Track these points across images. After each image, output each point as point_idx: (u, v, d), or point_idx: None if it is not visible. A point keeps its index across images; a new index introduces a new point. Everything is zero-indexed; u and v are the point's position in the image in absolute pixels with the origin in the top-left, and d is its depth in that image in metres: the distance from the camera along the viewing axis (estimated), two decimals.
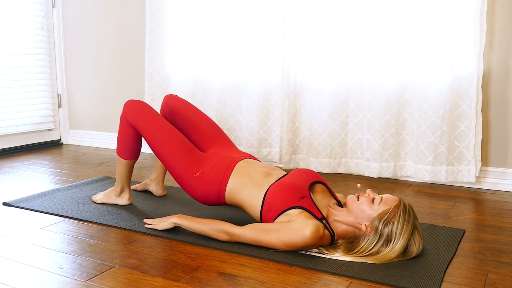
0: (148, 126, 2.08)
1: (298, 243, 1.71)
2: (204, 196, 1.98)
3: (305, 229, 1.70)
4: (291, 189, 1.82)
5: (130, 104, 2.15)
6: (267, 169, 1.98)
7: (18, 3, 3.66)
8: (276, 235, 1.75)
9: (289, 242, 1.72)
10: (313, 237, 1.70)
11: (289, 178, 1.90)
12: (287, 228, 1.74)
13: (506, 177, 2.69)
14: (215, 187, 1.95)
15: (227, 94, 3.26)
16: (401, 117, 2.84)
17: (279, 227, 1.77)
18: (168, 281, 1.57)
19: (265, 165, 2.01)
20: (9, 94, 3.66)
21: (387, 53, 2.78)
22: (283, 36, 3.03)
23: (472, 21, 2.57)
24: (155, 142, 2.05)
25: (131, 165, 2.27)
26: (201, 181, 1.96)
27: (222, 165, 1.98)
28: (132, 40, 3.70)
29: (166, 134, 2.05)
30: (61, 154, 3.65)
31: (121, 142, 2.21)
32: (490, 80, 2.67)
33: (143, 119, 2.10)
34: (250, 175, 1.93)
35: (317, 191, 1.91)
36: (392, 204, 1.70)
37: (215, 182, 1.95)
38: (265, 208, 1.84)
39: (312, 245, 1.72)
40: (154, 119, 2.09)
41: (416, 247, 1.70)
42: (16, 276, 1.60)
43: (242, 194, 1.91)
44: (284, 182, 1.87)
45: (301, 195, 1.80)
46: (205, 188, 1.96)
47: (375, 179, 2.93)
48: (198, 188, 1.98)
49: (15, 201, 2.39)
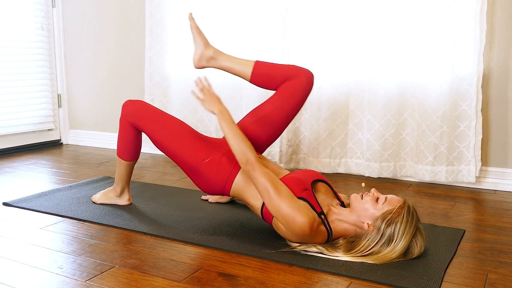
0: (151, 121, 2.07)
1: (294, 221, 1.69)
2: (209, 184, 1.97)
3: (303, 215, 1.69)
4: (294, 181, 1.82)
5: (129, 104, 2.14)
6: (275, 167, 1.98)
7: (18, 3, 3.66)
8: (281, 201, 1.72)
9: (287, 215, 1.70)
10: (307, 224, 1.68)
11: (293, 174, 1.91)
12: (297, 204, 1.72)
13: (506, 177, 2.69)
14: (222, 177, 1.94)
15: (227, 94, 3.25)
16: (401, 117, 2.84)
17: (292, 198, 1.73)
18: (168, 281, 1.57)
19: (273, 163, 2.01)
20: (9, 94, 3.66)
21: (387, 53, 2.78)
22: (283, 36, 3.03)
23: (472, 21, 2.58)
24: (160, 134, 2.04)
25: (132, 166, 2.27)
26: (210, 168, 1.94)
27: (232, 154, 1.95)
28: (132, 40, 3.70)
29: (170, 125, 2.04)
30: (61, 154, 3.65)
31: (122, 144, 2.21)
32: (490, 80, 2.67)
33: (144, 115, 2.09)
34: None
35: (321, 190, 1.91)
36: (396, 204, 1.70)
37: (224, 172, 1.94)
38: None
39: (304, 233, 1.71)
40: (155, 114, 2.09)
41: (418, 249, 1.70)
42: (16, 276, 1.60)
43: (249, 188, 1.90)
44: (287, 177, 1.87)
45: (304, 187, 1.80)
46: (213, 176, 1.95)
47: (375, 179, 2.93)
48: (206, 176, 1.96)
49: (15, 201, 2.39)
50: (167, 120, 2.07)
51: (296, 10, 2.97)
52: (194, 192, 2.59)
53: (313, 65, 2.96)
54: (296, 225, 1.70)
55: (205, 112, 3.34)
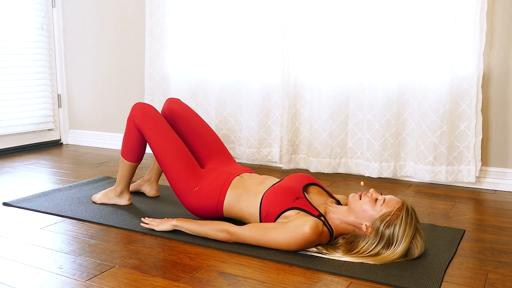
0: (153, 133, 2.10)
1: (298, 240, 1.71)
2: (202, 209, 2.01)
3: (304, 226, 1.70)
4: (285, 191, 1.84)
5: (139, 106, 2.16)
6: (261, 179, 2.00)
7: (18, 3, 3.66)
8: (275, 234, 1.75)
9: (289, 240, 1.72)
10: (312, 233, 1.69)
11: (283, 182, 1.92)
12: (286, 226, 1.74)
13: (506, 177, 2.69)
14: (213, 201, 1.98)
15: (227, 94, 3.26)
16: (401, 117, 2.84)
17: (278, 226, 1.77)
18: (168, 281, 1.57)
19: (259, 176, 2.05)
20: (9, 94, 3.66)
21: (387, 53, 2.78)
22: (283, 36, 3.02)
23: (472, 21, 2.57)
24: (158, 150, 2.08)
25: (134, 168, 2.28)
26: (199, 196, 1.99)
27: (219, 180, 2.00)
28: (132, 40, 3.70)
29: (169, 145, 2.07)
30: (61, 154, 3.65)
31: (127, 144, 2.22)
32: (490, 80, 2.67)
33: (149, 124, 2.12)
34: (246, 187, 1.96)
35: (312, 192, 1.92)
36: (395, 206, 1.69)
37: (213, 197, 1.98)
38: (263, 214, 1.86)
39: (311, 241, 1.72)
40: (160, 127, 2.11)
41: (418, 250, 1.70)
42: (16, 276, 1.60)
43: (240, 205, 1.94)
44: (277, 186, 1.89)
45: (295, 196, 1.81)
46: (203, 202, 1.99)
47: (375, 179, 2.93)
48: (196, 202, 2.00)
49: (15, 201, 2.39)
50: (166, 135, 2.09)
51: (296, 10, 2.97)
52: None
53: (313, 65, 2.96)
54: (307, 236, 1.70)
55: (205, 112, 3.34)
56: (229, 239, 1.84)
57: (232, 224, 1.85)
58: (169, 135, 2.10)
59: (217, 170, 2.07)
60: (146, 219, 2.04)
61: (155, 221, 2.01)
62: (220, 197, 1.97)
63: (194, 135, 2.24)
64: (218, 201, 1.97)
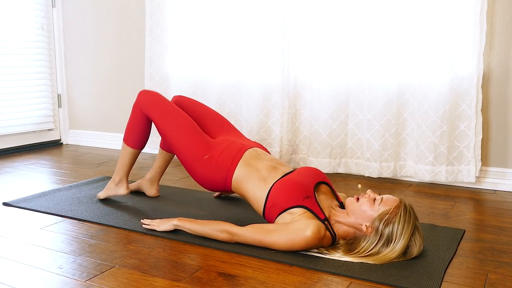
0: (162, 112, 2.12)
1: (299, 243, 1.71)
2: (210, 180, 2.00)
3: (306, 229, 1.70)
4: (296, 187, 1.82)
5: (145, 93, 2.20)
6: (274, 163, 1.98)
7: (18, 3, 3.66)
8: (277, 235, 1.75)
9: (290, 242, 1.72)
10: (314, 237, 1.70)
11: (295, 175, 1.90)
12: (289, 228, 1.74)
13: (506, 177, 2.69)
14: (222, 173, 1.96)
15: (227, 94, 3.26)
16: (401, 117, 2.84)
17: (280, 227, 1.77)
18: (168, 281, 1.57)
19: (273, 158, 2.02)
20: (9, 94, 3.66)
21: (387, 53, 2.78)
22: (283, 36, 3.02)
23: (472, 21, 2.57)
24: (168, 126, 2.09)
25: (135, 155, 2.29)
26: (210, 164, 1.98)
27: (232, 150, 1.99)
28: (132, 40, 3.70)
29: (178, 119, 2.10)
30: (61, 154, 3.65)
31: (130, 130, 2.25)
32: (490, 80, 2.67)
33: (157, 106, 2.15)
34: (257, 167, 1.94)
35: (322, 191, 1.91)
36: (392, 204, 1.70)
37: (223, 167, 1.97)
38: (268, 204, 1.85)
39: (312, 245, 1.73)
40: (167, 107, 2.14)
41: (417, 247, 1.70)
42: (16, 276, 1.60)
43: (248, 185, 1.92)
44: (289, 179, 1.87)
45: (305, 195, 1.80)
46: (213, 172, 1.98)
47: (375, 179, 2.93)
48: (206, 172, 1.99)
49: (15, 201, 2.39)
50: (175, 114, 2.12)
51: (296, 10, 2.97)
52: (194, 192, 2.59)
53: (313, 65, 2.96)
54: (308, 240, 1.70)
55: None
56: (230, 240, 1.84)
57: (234, 225, 1.85)
58: (178, 113, 2.12)
59: (229, 140, 2.07)
60: (146, 221, 2.04)
61: (155, 221, 2.01)
62: (230, 168, 1.96)
63: (204, 117, 2.27)
64: (228, 172, 1.96)
